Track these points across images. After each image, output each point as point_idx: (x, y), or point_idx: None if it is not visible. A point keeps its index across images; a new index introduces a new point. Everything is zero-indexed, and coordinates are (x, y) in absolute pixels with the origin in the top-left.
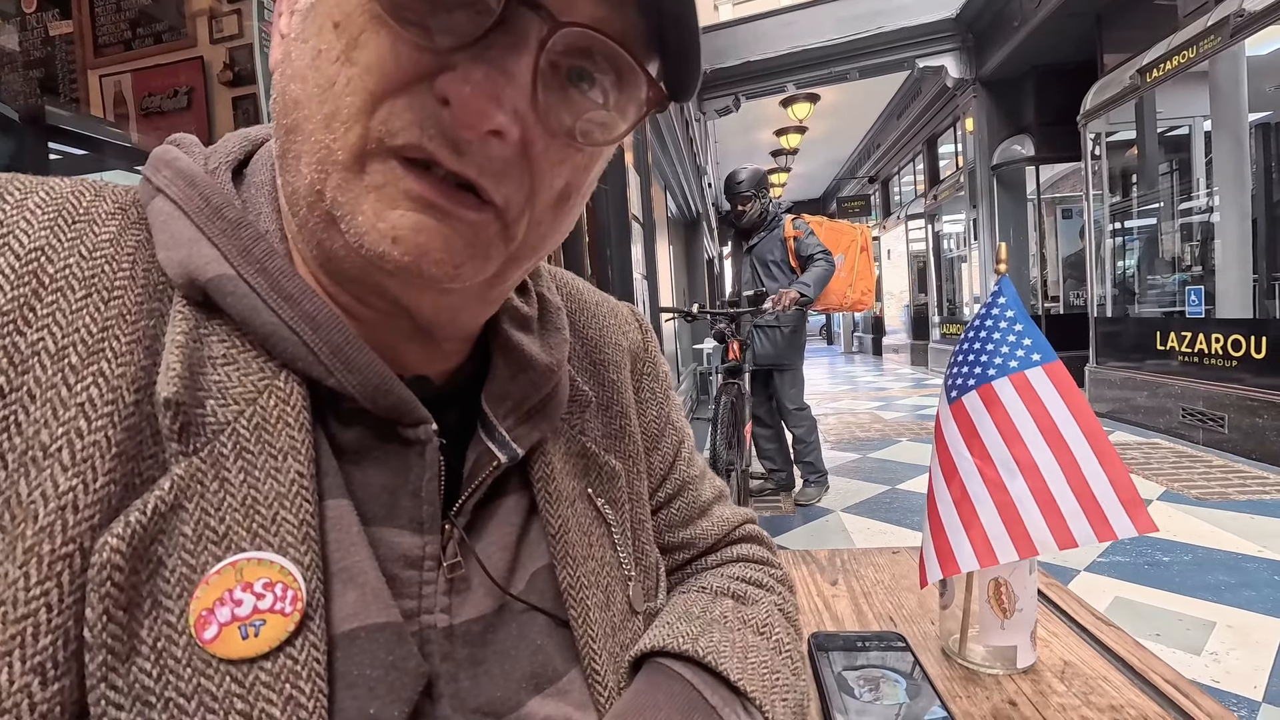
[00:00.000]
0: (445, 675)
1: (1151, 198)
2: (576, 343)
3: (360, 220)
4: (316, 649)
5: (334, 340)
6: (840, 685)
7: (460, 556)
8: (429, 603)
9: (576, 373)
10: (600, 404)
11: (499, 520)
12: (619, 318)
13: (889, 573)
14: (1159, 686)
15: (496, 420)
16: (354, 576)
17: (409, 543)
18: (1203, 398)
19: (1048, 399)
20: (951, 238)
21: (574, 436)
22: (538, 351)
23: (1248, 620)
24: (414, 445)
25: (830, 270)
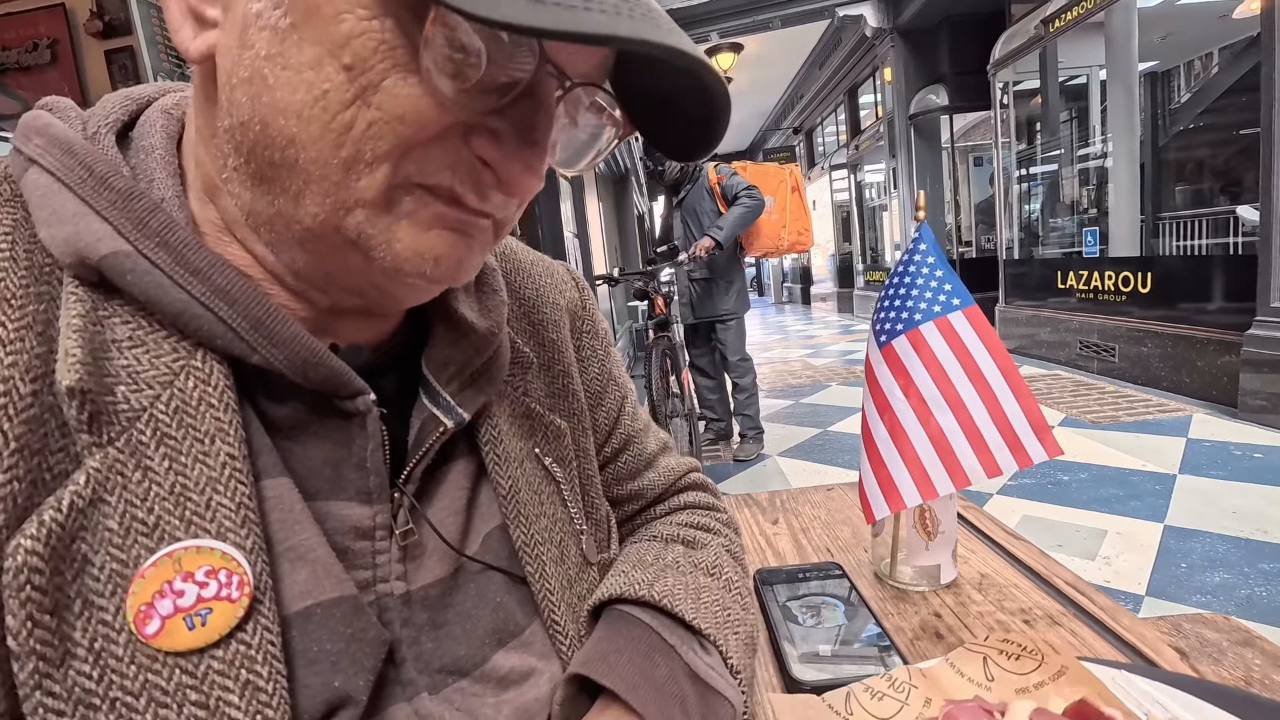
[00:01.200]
0: (407, 640)
1: (1054, 145)
2: (514, 303)
3: (399, 249)
4: (270, 631)
5: (253, 314)
6: (785, 615)
7: (412, 523)
8: (384, 571)
9: (516, 334)
10: (542, 364)
11: (449, 485)
12: (555, 277)
13: (825, 509)
14: (1061, 589)
15: (440, 386)
16: (302, 555)
17: (358, 514)
18: (1097, 330)
19: (968, 341)
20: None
21: (518, 398)
22: (476, 316)
23: (1134, 526)
24: (354, 417)
25: (754, 209)
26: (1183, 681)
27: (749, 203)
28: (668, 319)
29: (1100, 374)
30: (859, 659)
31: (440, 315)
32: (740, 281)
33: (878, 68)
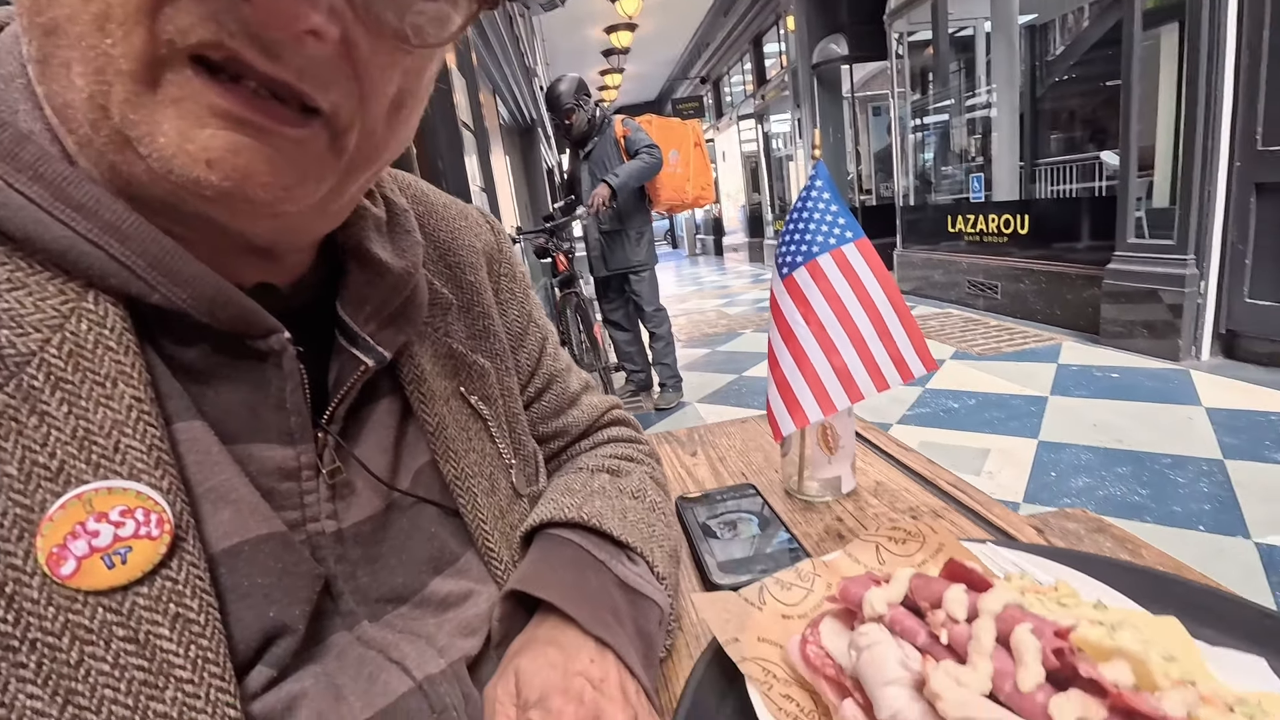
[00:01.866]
0: (343, 575)
1: (944, 95)
2: (429, 246)
3: (163, 142)
4: (196, 567)
5: (149, 251)
6: (705, 532)
7: (339, 462)
8: (313, 511)
9: (433, 276)
10: (461, 306)
11: (375, 424)
12: (469, 220)
13: (739, 439)
14: (944, 489)
15: (357, 326)
16: (224, 495)
17: (281, 455)
18: (982, 270)
19: (860, 270)
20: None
21: (439, 339)
22: (391, 256)
23: (1013, 444)
24: (269, 357)
25: (652, 165)
26: (1037, 549)
27: (647, 159)
28: (572, 275)
29: (985, 310)
30: (771, 562)
31: (354, 255)
32: (649, 233)
33: (781, 15)
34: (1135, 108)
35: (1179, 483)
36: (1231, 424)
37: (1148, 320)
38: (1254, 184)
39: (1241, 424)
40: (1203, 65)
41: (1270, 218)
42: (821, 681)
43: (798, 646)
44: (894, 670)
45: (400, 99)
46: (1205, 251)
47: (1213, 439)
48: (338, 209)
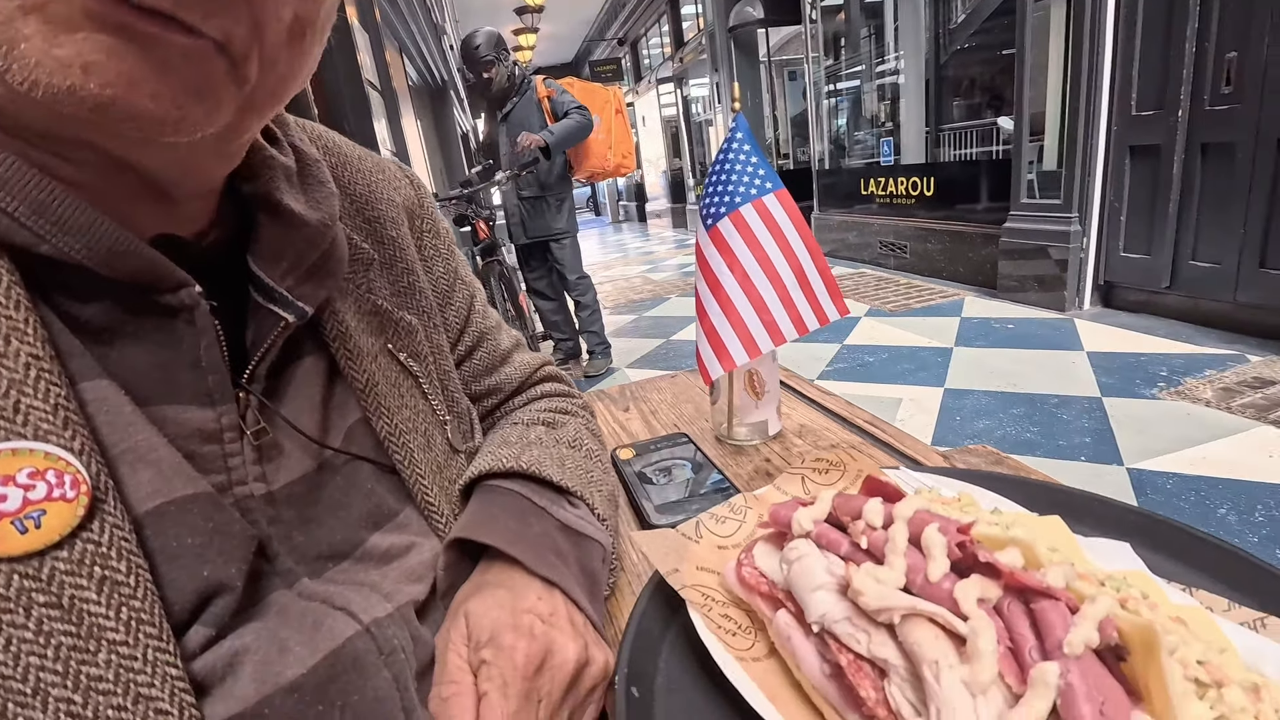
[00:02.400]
0: (278, 537)
1: (856, 61)
2: (345, 199)
3: (26, 50)
4: (120, 529)
5: (34, 198)
6: (641, 479)
7: (265, 423)
8: (239, 474)
9: (352, 231)
10: (383, 262)
11: (300, 382)
12: (387, 173)
13: (670, 393)
14: (861, 426)
15: (274, 281)
16: (142, 456)
17: (200, 417)
18: (893, 231)
19: (779, 219)
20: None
21: (362, 295)
22: (304, 207)
23: (922, 393)
24: (179, 313)
25: (584, 126)
26: (942, 471)
27: (579, 118)
28: (493, 243)
29: (896, 269)
30: (706, 502)
31: (263, 207)
32: (571, 200)
33: None
34: (1027, 76)
35: (1065, 420)
36: (1108, 365)
37: (1038, 275)
38: (1129, 146)
39: (1116, 365)
40: (1086, 36)
41: (1142, 177)
42: (756, 598)
43: (733, 570)
44: (821, 577)
45: (298, 27)
46: (1087, 210)
47: (1092, 380)
48: (237, 148)
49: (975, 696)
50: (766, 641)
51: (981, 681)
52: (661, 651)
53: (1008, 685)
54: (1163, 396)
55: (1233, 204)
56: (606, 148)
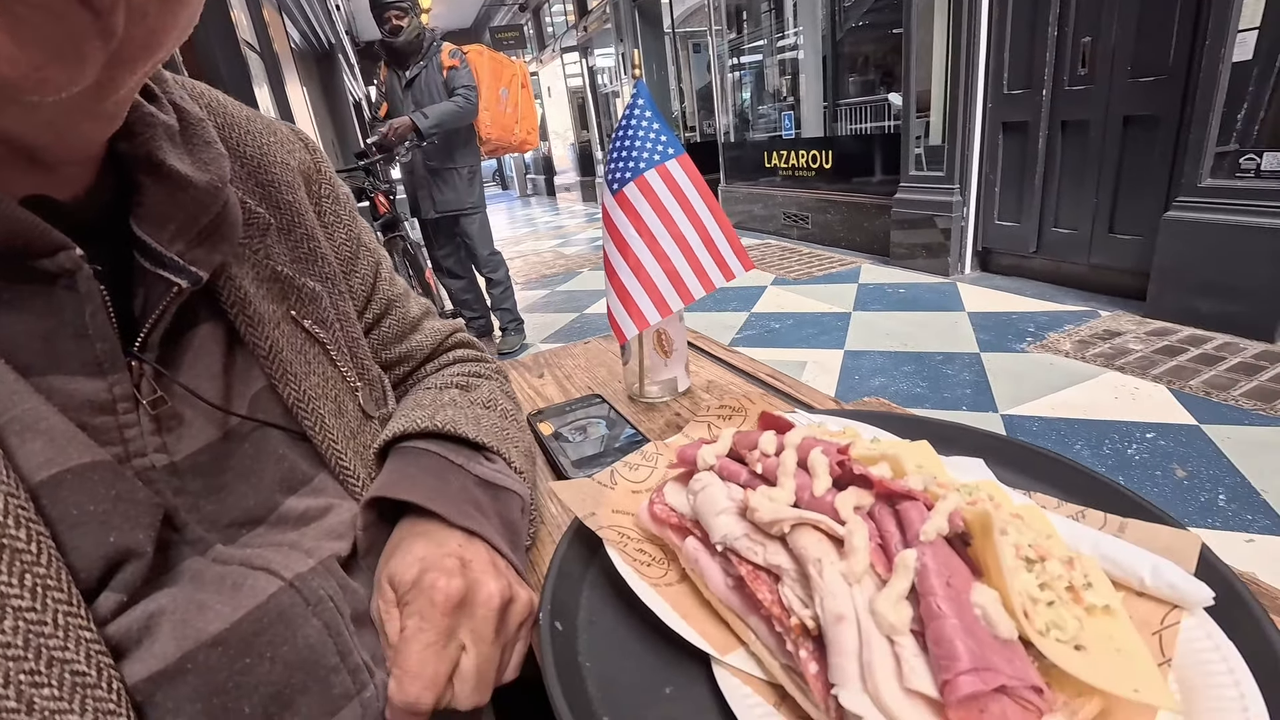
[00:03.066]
0: (185, 507)
1: (758, 35)
2: (235, 162)
3: None
4: (16, 497)
5: None
6: (558, 438)
7: (162, 392)
8: (137, 445)
9: (245, 195)
10: (281, 227)
11: (198, 350)
12: (278, 135)
13: (584, 359)
14: (764, 380)
15: (161, 246)
16: (30, 425)
17: (90, 388)
18: (795, 203)
19: (683, 183)
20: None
21: (260, 261)
22: (190, 168)
23: (824, 355)
24: (59, 279)
25: (465, 111)
26: (834, 412)
27: (462, 103)
28: (395, 218)
29: (799, 240)
30: (621, 454)
31: (144, 168)
32: (480, 173)
33: None
34: (915, 55)
35: (949, 374)
36: (985, 324)
37: (926, 243)
38: (1002, 123)
39: (992, 323)
40: (965, 18)
41: (1013, 152)
42: (667, 530)
43: (646, 509)
44: (723, 502)
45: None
46: (967, 182)
47: (972, 337)
48: (112, 108)
49: (852, 585)
50: (678, 569)
51: (856, 572)
52: (582, 590)
53: (878, 574)
54: (1030, 350)
55: (1087, 176)
56: (514, 122)
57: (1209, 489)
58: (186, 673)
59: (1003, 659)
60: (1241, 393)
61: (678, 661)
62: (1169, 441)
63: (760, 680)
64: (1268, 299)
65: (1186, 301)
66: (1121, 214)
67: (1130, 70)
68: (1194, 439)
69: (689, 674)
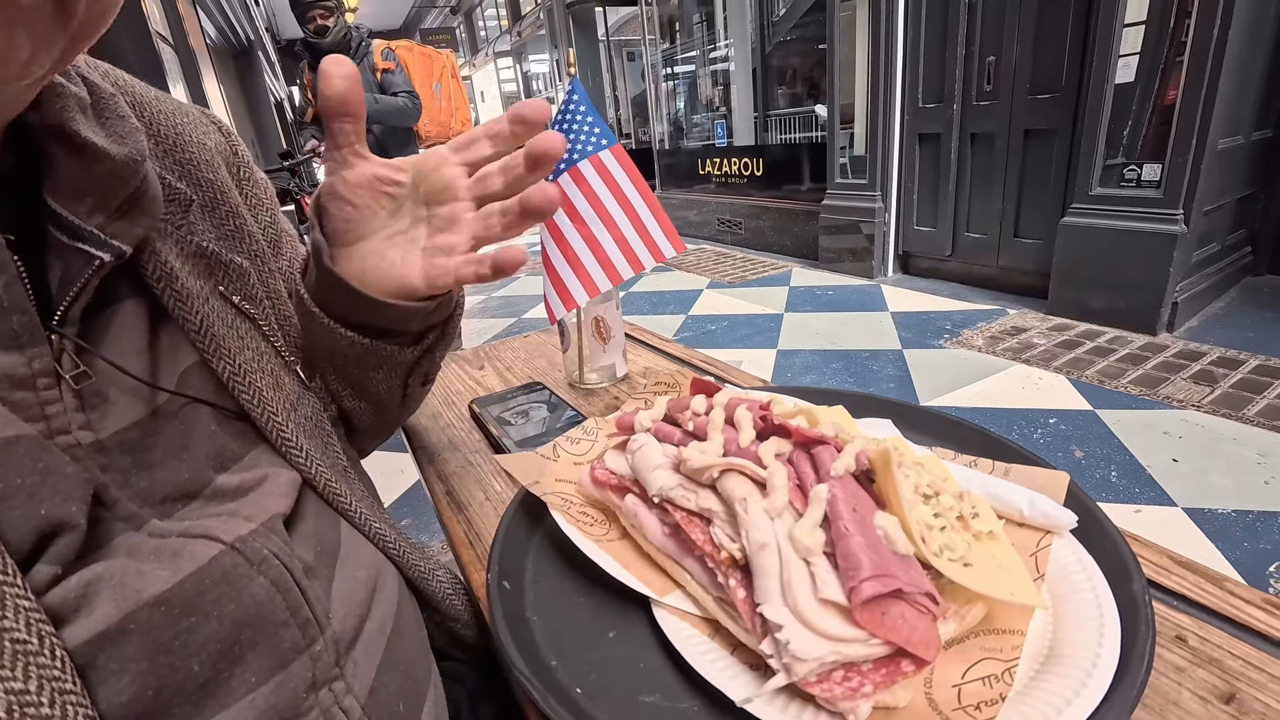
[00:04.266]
0: (115, 484)
1: (690, 46)
2: (150, 140)
3: None
4: None
5: None
6: (501, 422)
7: (85, 367)
8: (60, 422)
9: (163, 171)
10: (203, 204)
11: (121, 326)
12: (191, 117)
13: (524, 352)
14: (697, 365)
15: (79, 219)
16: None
17: (6, 362)
18: (729, 209)
19: (614, 171)
20: (540, 78)
21: (184, 238)
22: (105, 140)
23: (758, 355)
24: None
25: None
26: (760, 387)
27: (408, 103)
28: None
29: (733, 244)
30: (563, 434)
31: (56, 139)
32: None
33: None
34: (838, 69)
35: (874, 370)
36: (907, 323)
37: (851, 247)
38: (918, 134)
39: (913, 322)
40: (882, 34)
41: (928, 161)
42: (608, 491)
43: (588, 474)
44: (658, 459)
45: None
46: (888, 189)
47: (895, 335)
48: (38, 83)
49: (773, 519)
50: (619, 528)
51: (777, 507)
52: (529, 552)
53: (796, 509)
54: (947, 346)
55: (994, 184)
56: (449, 115)
57: (1103, 467)
58: (129, 633)
59: (901, 569)
60: (1130, 380)
61: (620, 608)
62: (1069, 426)
63: (696, 616)
64: (1149, 295)
65: (1082, 299)
66: (1025, 219)
67: (1029, 88)
68: (1090, 423)
69: (630, 618)
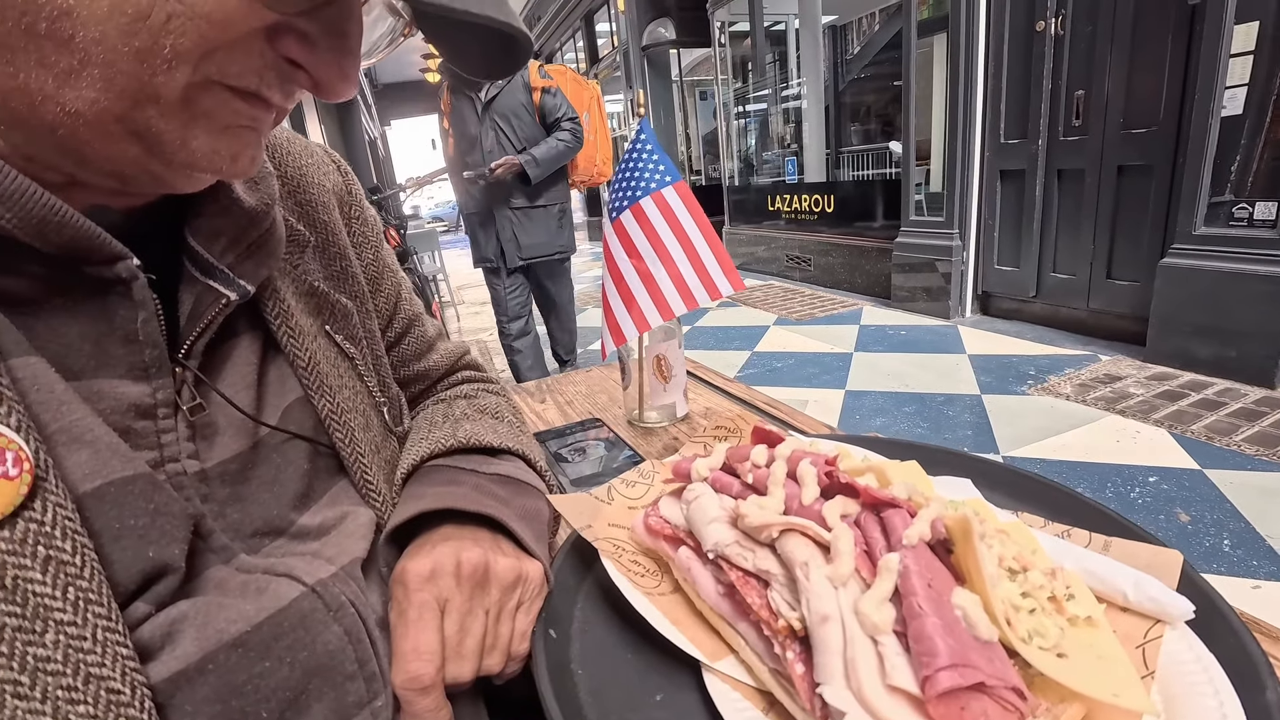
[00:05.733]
0: (211, 514)
1: (762, 84)
2: (279, 181)
3: (195, 145)
4: (64, 508)
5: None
6: (558, 459)
7: (200, 399)
8: (172, 451)
9: (287, 212)
10: (318, 245)
11: (236, 360)
12: (315, 157)
13: (585, 386)
14: (761, 407)
15: (213, 257)
16: (78, 436)
17: (134, 392)
18: (798, 245)
19: (676, 207)
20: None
21: (300, 276)
22: (243, 187)
23: (826, 395)
24: (114, 286)
25: (572, 147)
26: (827, 436)
27: (569, 139)
28: (405, 251)
29: (802, 281)
30: (618, 474)
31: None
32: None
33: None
34: (914, 105)
35: (949, 415)
36: (986, 366)
37: (926, 286)
38: (999, 171)
39: (993, 366)
40: (961, 71)
41: (1010, 199)
42: (661, 541)
43: (641, 521)
44: (714, 511)
45: None
46: (966, 227)
47: (973, 379)
48: None
49: (837, 588)
50: (671, 580)
51: (842, 575)
52: (577, 600)
53: (863, 578)
54: (1031, 393)
55: (1083, 223)
56: (595, 150)
57: (1213, 534)
58: (207, 673)
59: (983, 658)
60: (1244, 438)
61: (668, 669)
62: (1172, 486)
63: (749, 686)
64: (1265, 344)
65: (1185, 346)
66: (1118, 260)
67: (1122, 122)
68: (1197, 484)
69: (679, 681)
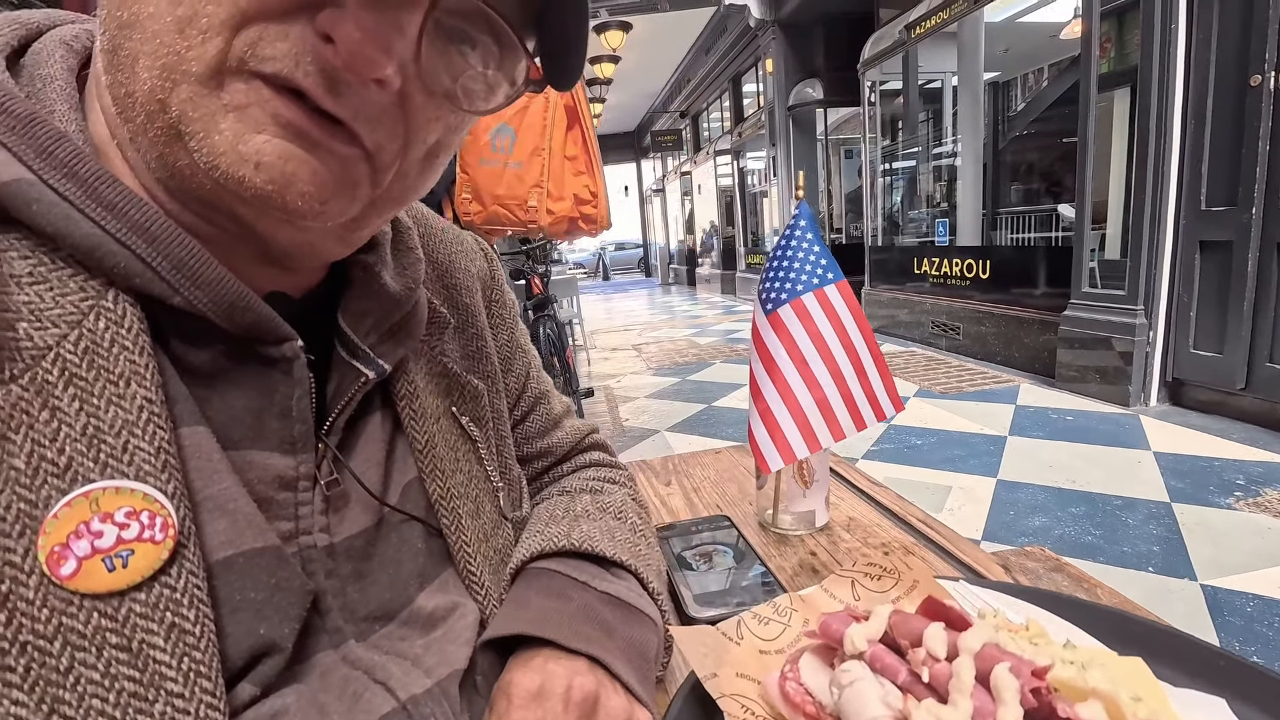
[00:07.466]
0: (332, 591)
1: (913, 143)
2: (428, 265)
3: (217, 141)
4: (195, 576)
5: (175, 254)
6: (680, 563)
7: (336, 474)
8: (307, 523)
9: (432, 295)
10: (458, 327)
11: (368, 438)
12: (465, 245)
13: (713, 470)
14: (914, 525)
15: (358, 338)
16: (221, 505)
17: (281, 464)
18: (945, 312)
19: (840, 311)
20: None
21: (435, 357)
22: (392, 273)
23: (973, 482)
24: (276, 364)
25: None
26: (1006, 588)
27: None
28: (546, 298)
29: (948, 350)
30: (747, 595)
31: (358, 267)
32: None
33: (760, 58)
34: (1090, 164)
35: (1129, 524)
36: (1177, 468)
37: (1100, 366)
38: (1199, 241)
39: (1187, 469)
40: (1152, 128)
41: (1212, 273)
42: (800, 718)
43: (777, 683)
44: (876, 708)
45: (435, 149)
46: (1153, 303)
47: (1160, 483)
48: (356, 238)
49: None
50: None
51: None
52: None
53: None
54: (1239, 507)
55: None
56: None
57: None
58: None
59: None
60: None
61: None
62: None
63: None
64: None
65: None
66: None
67: None
68: None
69: None
